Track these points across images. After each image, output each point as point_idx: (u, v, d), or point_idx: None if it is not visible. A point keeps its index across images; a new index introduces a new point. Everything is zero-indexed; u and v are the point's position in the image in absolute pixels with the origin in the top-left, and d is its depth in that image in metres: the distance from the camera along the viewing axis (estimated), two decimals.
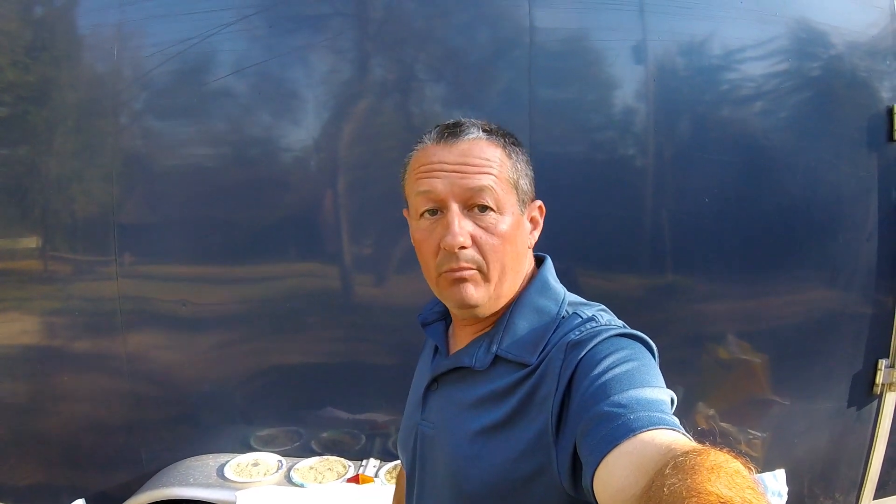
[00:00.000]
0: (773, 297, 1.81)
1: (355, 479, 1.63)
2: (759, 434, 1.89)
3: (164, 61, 1.69)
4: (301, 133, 1.73)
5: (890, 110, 1.79)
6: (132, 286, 1.75)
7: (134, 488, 1.72)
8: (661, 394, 0.60)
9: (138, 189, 1.75)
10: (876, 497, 2.01)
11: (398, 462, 1.72)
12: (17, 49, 1.75)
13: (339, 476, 1.66)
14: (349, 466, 1.71)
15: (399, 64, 1.73)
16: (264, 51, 1.69)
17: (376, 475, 1.66)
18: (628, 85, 1.73)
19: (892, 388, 1.88)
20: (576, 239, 1.73)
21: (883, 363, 1.85)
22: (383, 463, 1.73)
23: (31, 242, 1.80)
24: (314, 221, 1.75)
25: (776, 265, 1.79)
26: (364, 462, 1.74)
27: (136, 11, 1.70)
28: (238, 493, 1.55)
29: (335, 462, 1.72)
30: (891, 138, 1.79)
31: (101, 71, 1.73)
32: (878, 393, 1.88)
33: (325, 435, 1.81)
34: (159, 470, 1.76)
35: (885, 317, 1.84)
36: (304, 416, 1.82)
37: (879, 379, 1.86)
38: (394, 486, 1.57)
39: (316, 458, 1.74)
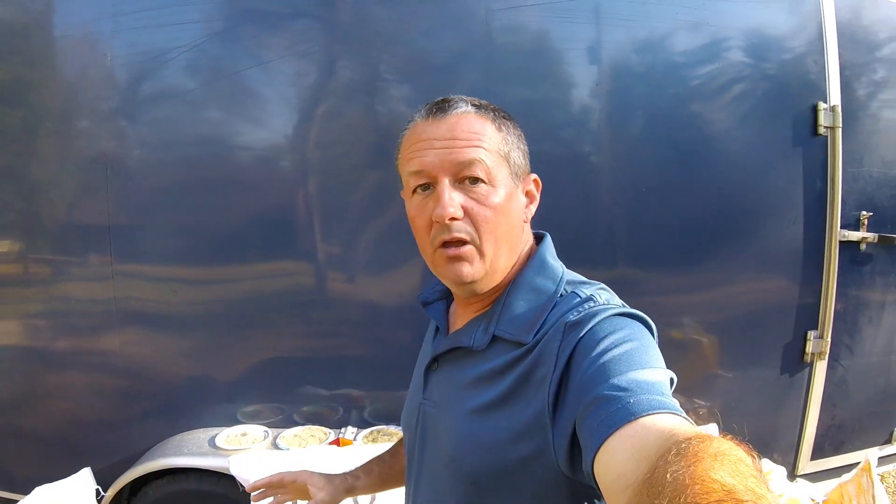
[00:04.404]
0: (711, 279, 2.01)
1: (336, 443, 1.78)
2: (705, 404, 2.09)
3: (145, 62, 1.78)
4: (278, 136, 1.86)
5: (814, 108, 1.99)
6: (122, 285, 1.85)
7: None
8: (660, 375, 0.59)
9: (121, 192, 1.83)
10: (813, 458, 2.21)
11: (377, 427, 1.88)
12: None
13: (321, 442, 1.80)
14: (330, 433, 1.85)
15: (366, 66, 1.85)
16: (246, 56, 1.81)
17: (355, 439, 1.81)
18: (582, 85, 1.90)
19: (822, 357, 2.08)
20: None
21: (812, 334, 2.06)
22: (360, 430, 1.88)
23: (14, 246, 1.89)
24: (298, 222, 1.86)
25: (714, 249, 1.98)
26: (343, 430, 1.89)
27: (117, 14, 1.78)
28: (230, 458, 1.67)
29: (317, 430, 1.86)
30: (815, 133, 1.99)
31: (81, 73, 1.82)
32: (809, 361, 2.09)
33: (306, 409, 1.94)
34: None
35: (812, 293, 2.05)
36: (287, 395, 1.94)
37: (809, 349, 2.06)
38: (372, 447, 1.73)
39: (299, 427, 1.89)
